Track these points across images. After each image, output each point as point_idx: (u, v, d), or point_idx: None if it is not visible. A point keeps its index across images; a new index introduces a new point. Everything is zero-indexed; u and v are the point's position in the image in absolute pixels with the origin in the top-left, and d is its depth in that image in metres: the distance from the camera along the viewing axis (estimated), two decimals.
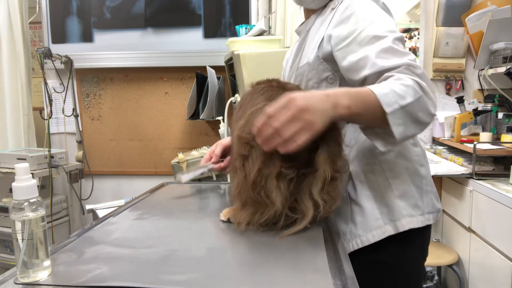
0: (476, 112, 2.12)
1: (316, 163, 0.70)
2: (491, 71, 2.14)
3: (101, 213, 1.97)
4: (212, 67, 2.38)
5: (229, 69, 2.31)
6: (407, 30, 3.41)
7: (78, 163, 2.62)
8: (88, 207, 2.05)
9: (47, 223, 1.50)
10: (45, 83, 2.41)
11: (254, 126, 0.66)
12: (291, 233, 0.71)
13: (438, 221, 2.19)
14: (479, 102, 2.27)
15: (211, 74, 2.32)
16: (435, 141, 2.40)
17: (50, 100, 2.43)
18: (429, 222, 0.93)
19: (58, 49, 2.59)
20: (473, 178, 1.77)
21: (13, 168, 0.55)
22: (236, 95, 2.06)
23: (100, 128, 2.82)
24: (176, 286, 0.53)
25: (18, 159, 2.29)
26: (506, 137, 1.93)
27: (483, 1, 2.26)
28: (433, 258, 1.90)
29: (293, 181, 0.71)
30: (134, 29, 2.65)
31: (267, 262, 0.61)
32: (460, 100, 2.18)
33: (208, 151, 1.08)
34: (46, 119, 2.42)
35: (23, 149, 2.51)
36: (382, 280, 0.93)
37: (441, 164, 1.98)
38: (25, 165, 0.55)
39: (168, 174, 2.77)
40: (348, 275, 0.57)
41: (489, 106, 2.14)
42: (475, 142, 1.83)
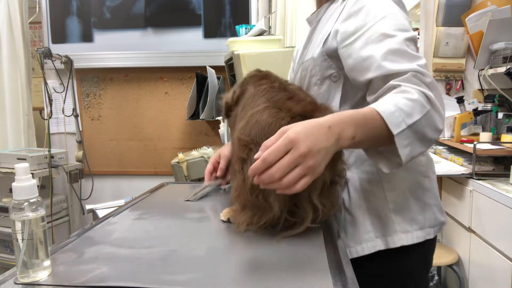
0: (476, 112, 2.12)
1: None
2: (491, 71, 2.14)
3: (101, 213, 1.97)
4: (212, 67, 2.38)
5: (229, 69, 2.31)
6: None
7: (78, 163, 2.62)
8: (88, 207, 2.05)
9: (47, 223, 1.50)
10: (45, 83, 2.41)
11: (251, 169, 0.59)
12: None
13: None
14: (479, 102, 2.27)
15: (211, 74, 2.32)
16: (435, 141, 2.40)
17: (50, 100, 2.43)
18: (430, 237, 0.88)
19: (58, 49, 2.59)
20: (473, 178, 1.77)
21: (13, 168, 0.55)
22: None
23: (100, 128, 2.82)
24: (176, 286, 0.53)
25: (18, 159, 2.29)
26: (506, 137, 1.93)
27: (483, 1, 2.26)
28: (433, 258, 1.89)
29: None
30: (134, 29, 2.65)
31: (267, 262, 0.61)
32: (460, 100, 2.17)
33: (211, 161, 1.05)
34: (46, 119, 2.42)
35: (23, 149, 2.51)
36: None
37: (441, 164, 1.98)
38: (25, 165, 0.55)
39: (168, 174, 2.77)
40: (348, 275, 0.57)
41: (489, 106, 2.14)
42: (475, 142, 1.83)
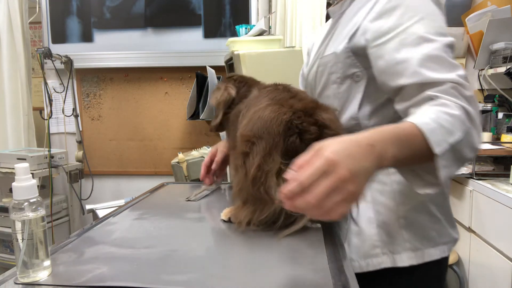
0: None
1: None
2: (491, 71, 2.14)
3: (101, 213, 1.97)
4: (212, 67, 2.38)
5: (229, 69, 2.30)
6: None
7: (78, 163, 2.61)
8: (88, 207, 2.05)
9: (47, 223, 1.50)
10: (45, 83, 2.41)
11: (280, 192, 0.53)
12: (291, 233, 0.71)
13: None
14: (479, 102, 2.27)
15: (211, 74, 2.32)
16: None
17: (50, 100, 2.43)
18: (444, 255, 0.82)
19: (58, 49, 2.59)
20: (473, 178, 1.77)
21: (13, 168, 0.55)
22: None
23: (100, 128, 2.82)
24: (176, 286, 0.53)
25: (18, 159, 2.29)
26: (506, 137, 1.93)
27: (483, 1, 2.26)
28: None
29: None
30: (134, 29, 2.65)
31: (267, 262, 0.61)
32: None
33: (208, 155, 1.06)
34: (46, 119, 2.42)
35: (23, 149, 2.51)
36: None
37: None
38: (25, 165, 0.55)
39: (168, 174, 2.77)
40: (348, 275, 0.57)
41: (489, 106, 2.14)
42: None
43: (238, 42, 2.01)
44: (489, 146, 1.84)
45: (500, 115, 2.12)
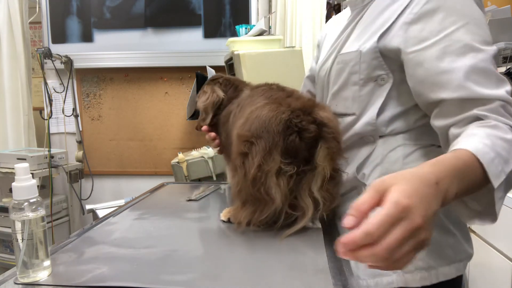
0: None
1: (315, 160, 0.70)
2: None
3: (101, 213, 1.97)
4: (212, 67, 2.37)
5: (229, 69, 2.30)
6: None
7: (78, 163, 2.62)
8: (88, 207, 2.05)
9: (47, 223, 1.50)
10: (45, 83, 2.41)
11: (345, 242, 0.42)
12: (292, 233, 0.71)
13: None
14: None
15: (211, 74, 2.32)
16: None
17: (50, 100, 2.43)
18: (459, 273, 0.77)
19: (58, 49, 2.59)
20: None
21: (13, 168, 0.55)
22: None
23: (100, 128, 2.82)
24: (176, 286, 0.53)
25: (18, 159, 2.29)
26: None
27: (483, 1, 2.26)
28: None
29: (293, 178, 0.71)
30: (134, 29, 2.65)
31: (267, 262, 0.61)
32: None
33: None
34: (46, 119, 2.42)
35: (23, 149, 2.51)
36: None
37: None
38: (25, 165, 0.55)
39: (168, 174, 2.76)
40: (348, 275, 0.57)
41: None
42: None
43: (238, 42, 2.01)
44: None
45: None
